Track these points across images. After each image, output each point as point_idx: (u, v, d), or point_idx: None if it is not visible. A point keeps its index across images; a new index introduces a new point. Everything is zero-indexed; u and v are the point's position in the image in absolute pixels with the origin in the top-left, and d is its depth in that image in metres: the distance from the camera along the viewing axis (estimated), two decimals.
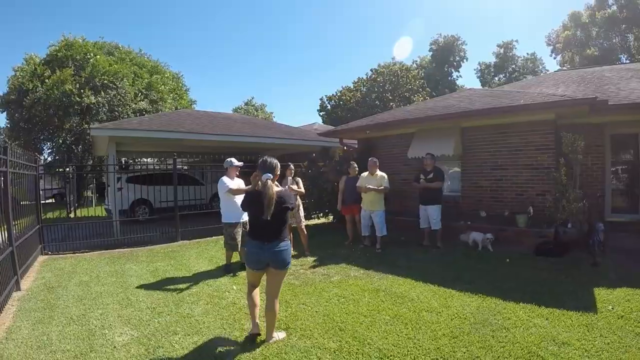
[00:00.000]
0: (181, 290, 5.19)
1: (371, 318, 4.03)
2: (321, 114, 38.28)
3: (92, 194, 19.02)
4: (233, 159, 6.25)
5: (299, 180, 7.39)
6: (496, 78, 45.17)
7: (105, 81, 20.64)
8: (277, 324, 3.70)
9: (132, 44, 28.41)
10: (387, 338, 3.55)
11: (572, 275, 5.29)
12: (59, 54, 21.32)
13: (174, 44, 75.79)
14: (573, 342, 3.32)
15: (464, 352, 3.22)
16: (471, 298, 4.51)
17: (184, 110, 15.80)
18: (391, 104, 31.94)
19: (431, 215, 7.50)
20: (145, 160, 17.94)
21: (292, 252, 7.18)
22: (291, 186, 6.91)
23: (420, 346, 3.37)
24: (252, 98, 51.66)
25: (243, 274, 5.96)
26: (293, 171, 7.27)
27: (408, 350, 3.30)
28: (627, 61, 27.37)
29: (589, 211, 7.03)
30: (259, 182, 3.41)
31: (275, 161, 3.58)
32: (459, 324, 3.79)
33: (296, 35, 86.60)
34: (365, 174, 7.67)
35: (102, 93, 20.07)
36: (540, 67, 43.00)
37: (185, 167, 15.36)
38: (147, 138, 10.02)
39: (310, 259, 6.82)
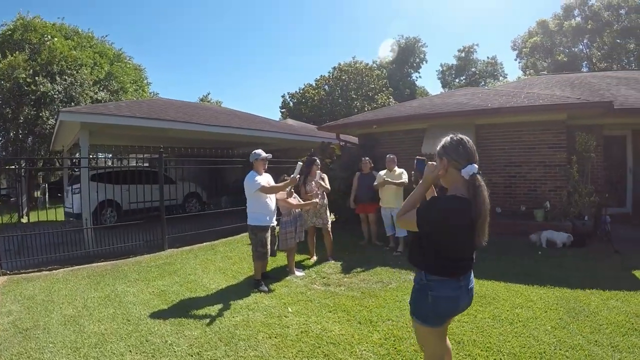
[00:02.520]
0: (218, 320, 3.91)
1: (474, 324, 3.72)
2: (282, 110, 37.75)
3: (43, 194, 16.31)
4: (260, 151, 5.17)
5: (325, 176, 6.41)
6: (456, 80, 46.33)
7: (63, 67, 18.27)
8: (398, 349, 3.28)
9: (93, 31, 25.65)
10: (509, 341, 3.35)
11: (603, 262, 5.73)
12: (14, 35, 18.71)
13: (132, 37, 70.38)
14: None
15: (582, 338, 3.33)
16: (542, 290, 4.58)
17: (161, 99, 13.94)
18: (355, 102, 32.01)
19: None
20: (104, 155, 15.68)
21: (315, 259, 6.39)
22: (319, 181, 6.18)
23: (543, 341, 3.32)
24: (209, 94, 49.36)
25: (281, 289, 4.90)
26: (319, 166, 6.38)
27: (538, 349, 3.18)
28: (586, 69, 29.14)
29: (597, 205, 7.53)
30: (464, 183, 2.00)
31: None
32: (556, 315, 3.85)
33: (255, 34, 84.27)
34: (383, 172, 7.05)
35: (59, 79, 17.65)
36: (500, 70, 44.70)
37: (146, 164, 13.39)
38: (127, 126, 8.31)
39: (339, 264, 6.11)
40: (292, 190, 5.56)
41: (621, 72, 15.45)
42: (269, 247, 4.99)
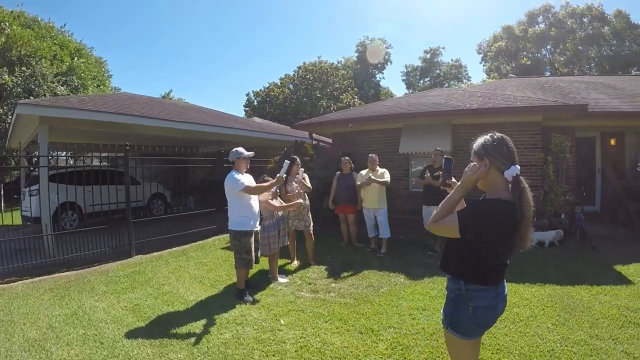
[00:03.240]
0: (204, 338, 3.51)
1: None
2: (246, 109, 37.22)
3: None
4: (241, 149, 4.75)
5: (306, 176, 6.12)
6: (421, 81, 47.02)
7: (22, 55, 17.02)
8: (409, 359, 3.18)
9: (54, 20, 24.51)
10: (516, 341, 3.34)
11: (583, 258, 5.92)
12: None
13: (92, 30, 66.38)
14: None
15: (583, 333, 3.41)
16: (533, 288, 4.65)
17: (126, 93, 13.02)
18: (321, 101, 32.11)
19: None
20: (64, 153, 14.43)
21: (297, 263, 6.09)
22: (302, 180, 5.89)
23: (548, 339, 3.35)
24: (170, 91, 47.50)
25: (267, 299, 4.57)
26: (300, 165, 6.02)
27: (546, 347, 3.20)
28: (549, 74, 30.41)
29: (571, 203, 7.85)
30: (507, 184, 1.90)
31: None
32: (554, 312, 3.91)
33: (218, 31, 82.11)
34: (364, 171, 6.87)
35: (17, 70, 16.38)
36: (464, 73, 45.77)
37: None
38: (91, 122, 7.59)
39: (322, 268, 5.84)
40: (278, 191, 5.26)
41: (587, 77, 16.17)
42: (253, 253, 4.63)
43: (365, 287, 4.94)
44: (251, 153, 4.81)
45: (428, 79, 46.72)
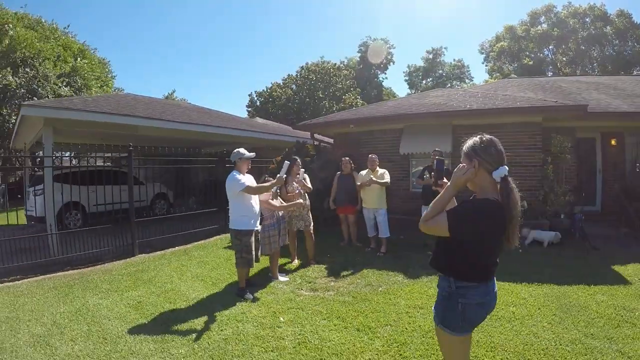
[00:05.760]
0: (205, 334, 3.60)
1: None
2: (249, 110, 37.38)
3: (2, 196, 14.80)
4: (243, 150, 4.87)
5: (307, 176, 6.18)
6: (424, 82, 47.01)
7: (26, 56, 17.26)
8: (404, 356, 3.25)
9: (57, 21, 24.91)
10: (511, 340, 3.38)
11: (582, 258, 5.97)
12: None
13: (94, 30, 66.75)
14: (639, 307, 3.96)
15: (578, 332, 3.46)
16: (530, 288, 4.68)
17: (129, 94, 13.06)
18: (323, 102, 32.23)
19: None
20: (68, 154, 14.48)
21: (297, 262, 6.18)
22: (302, 181, 5.94)
23: (543, 338, 3.39)
24: (173, 92, 47.70)
25: (267, 297, 4.66)
26: (300, 165, 6.09)
27: (540, 346, 3.25)
28: (551, 74, 30.38)
29: (570, 204, 7.87)
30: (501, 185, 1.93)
31: None
32: (549, 311, 3.95)
33: (222, 31, 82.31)
34: (364, 171, 6.97)
35: (20, 72, 16.57)
36: (467, 73, 45.73)
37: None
38: (94, 123, 7.71)
39: (322, 268, 5.91)
40: (278, 191, 5.34)
41: (590, 77, 16.09)
42: (254, 252, 4.72)
43: (364, 285, 5.00)
44: (252, 154, 4.91)
45: (430, 79, 46.79)
